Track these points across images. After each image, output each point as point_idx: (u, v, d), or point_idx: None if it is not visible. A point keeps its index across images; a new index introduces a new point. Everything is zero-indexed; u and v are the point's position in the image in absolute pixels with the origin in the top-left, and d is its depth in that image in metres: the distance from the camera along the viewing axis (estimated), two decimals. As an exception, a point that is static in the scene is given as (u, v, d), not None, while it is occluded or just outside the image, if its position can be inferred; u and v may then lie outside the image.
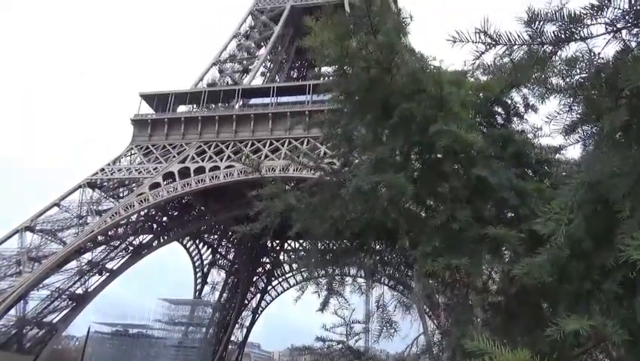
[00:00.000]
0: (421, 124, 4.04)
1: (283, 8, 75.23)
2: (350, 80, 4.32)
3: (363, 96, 4.48)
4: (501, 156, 4.79)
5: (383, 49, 3.98)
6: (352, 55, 4.29)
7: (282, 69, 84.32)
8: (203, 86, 69.16)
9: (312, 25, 4.52)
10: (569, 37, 2.25)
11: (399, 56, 4.09)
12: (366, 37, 4.07)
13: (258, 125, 61.28)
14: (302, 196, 5.40)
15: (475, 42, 2.56)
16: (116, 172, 61.23)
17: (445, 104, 4.23)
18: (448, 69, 4.69)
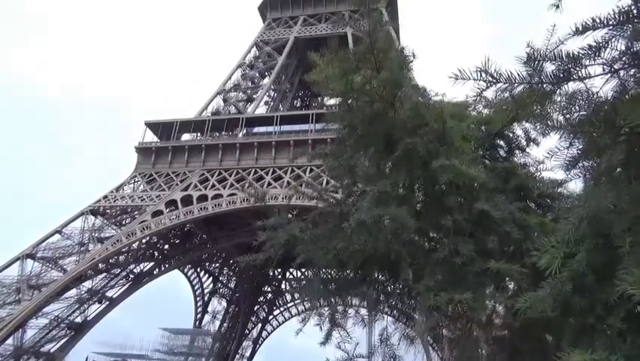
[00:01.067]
0: (423, 158, 4.11)
1: (287, 39, 76.67)
2: (354, 114, 4.41)
3: (367, 129, 4.57)
4: (504, 190, 4.84)
5: (386, 85, 4.09)
6: (356, 90, 4.40)
7: (286, 98, 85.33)
8: (207, 114, 69.91)
9: (317, 60, 4.66)
10: (568, 77, 2.33)
11: (402, 91, 4.19)
12: (370, 73, 4.18)
13: (261, 154, 61.64)
14: (305, 227, 5.44)
15: (477, 80, 2.65)
16: (118, 199, 61.35)
17: (447, 138, 4.31)
18: (451, 100, 4.78)
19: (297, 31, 77.59)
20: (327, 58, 4.55)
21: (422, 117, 4.19)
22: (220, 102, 72.12)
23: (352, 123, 4.64)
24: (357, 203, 5.50)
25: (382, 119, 4.43)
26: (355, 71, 4.31)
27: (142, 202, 60.39)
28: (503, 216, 4.17)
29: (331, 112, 4.78)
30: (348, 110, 4.56)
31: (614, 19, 2.17)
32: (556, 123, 2.76)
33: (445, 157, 4.03)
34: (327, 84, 4.52)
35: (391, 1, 78.47)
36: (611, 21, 2.17)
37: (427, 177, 4.37)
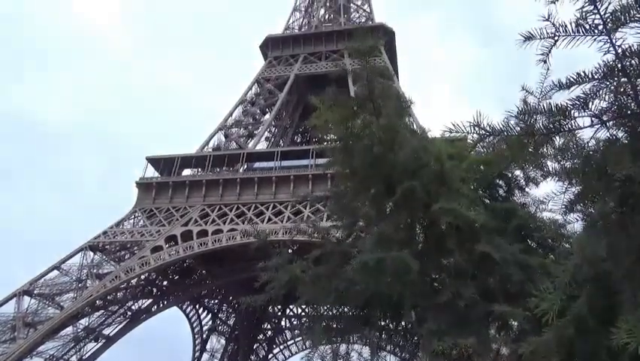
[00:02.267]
0: (423, 200, 4.18)
1: (288, 76, 78.09)
2: (354, 158, 4.51)
3: (367, 172, 4.66)
4: (504, 230, 4.89)
5: (385, 130, 4.21)
6: (356, 134, 4.52)
7: (286, 134, 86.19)
8: (208, 150, 70.49)
9: (317, 104, 4.80)
10: (558, 129, 2.43)
11: (400, 136, 4.30)
12: (369, 118, 4.31)
13: (261, 189, 61.79)
14: (307, 266, 5.45)
15: (471, 133, 2.75)
16: (118, 235, 61.10)
17: (446, 180, 4.39)
18: (450, 136, 4.87)
19: (298, 69, 79.12)
20: (327, 102, 4.68)
21: (421, 160, 4.28)
22: (221, 138, 72.85)
23: (353, 166, 4.73)
24: (358, 243, 5.53)
25: (382, 163, 4.53)
26: (355, 117, 4.44)
27: (142, 238, 60.12)
28: (505, 257, 4.20)
29: (332, 155, 4.88)
30: (349, 154, 4.66)
31: (599, 74, 2.28)
32: (551, 170, 2.85)
33: (445, 199, 4.10)
34: (328, 128, 4.64)
35: (388, 34, 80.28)
36: (596, 75, 2.29)
37: (428, 218, 4.43)
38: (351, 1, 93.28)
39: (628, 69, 2.21)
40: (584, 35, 2.29)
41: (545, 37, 2.37)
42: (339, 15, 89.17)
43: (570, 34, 2.32)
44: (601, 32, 2.25)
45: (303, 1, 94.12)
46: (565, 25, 2.32)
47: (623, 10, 2.16)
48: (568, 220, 3.34)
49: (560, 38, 2.35)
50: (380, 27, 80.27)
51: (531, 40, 2.41)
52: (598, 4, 2.23)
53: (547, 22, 2.33)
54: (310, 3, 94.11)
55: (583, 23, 2.27)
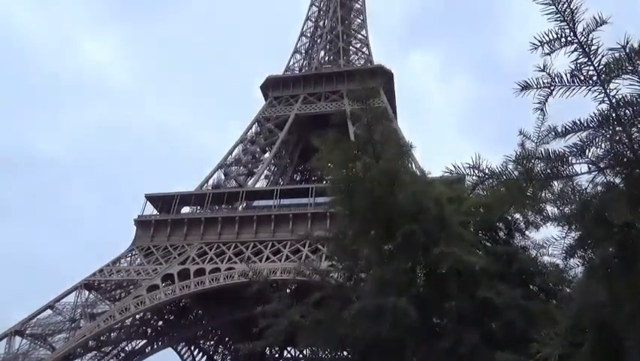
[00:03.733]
0: (424, 244, 4.17)
1: (288, 116, 79.19)
2: (354, 200, 4.53)
3: (367, 215, 4.67)
4: (506, 274, 4.85)
5: (385, 174, 4.25)
6: (357, 177, 4.56)
7: (286, 172, 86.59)
8: (208, 188, 70.61)
9: (319, 146, 4.86)
10: (556, 175, 2.46)
11: (400, 179, 4.34)
12: (369, 162, 4.36)
13: (260, 227, 61.51)
14: (307, 311, 5.37)
15: (470, 175, 2.79)
16: (114, 273, 60.33)
17: (446, 223, 4.40)
18: (449, 177, 4.89)
19: (298, 109, 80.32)
20: (328, 145, 4.74)
21: (421, 204, 4.30)
22: (221, 176, 73.14)
23: (353, 208, 4.74)
24: (358, 287, 5.48)
25: (382, 205, 4.54)
26: (355, 160, 4.49)
27: (138, 276, 59.35)
28: (506, 302, 4.16)
29: (333, 195, 4.90)
30: (349, 196, 4.68)
31: (594, 122, 2.33)
32: (550, 215, 2.86)
33: (446, 243, 4.10)
34: (329, 171, 4.68)
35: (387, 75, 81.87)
36: (591, 123, 2.34)
37: (429, 262, 4.41)
38: (350, 44, 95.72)
39: (622, 118, 2.27)
40: (579, 86, 2.36)
41: (542, 86, 2.44)
42: (338, 57, 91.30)
43: (566, 85, 2.38)
44: (595, 83, 2.32)
45: (304, 44, 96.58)
46: (560, 75, 2.39)
47: (616, 62, 2.23)
48: (569, 265, 3.32)
49: (555, 88, 2.42)
50: (379, 68, 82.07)
51: (528, 90, 2.47)
52: (592, 56, 2.31)
53: (543, 72, 2.41)
54: (310, 45, 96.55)
55: (578, 74, 2.35)
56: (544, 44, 2.42)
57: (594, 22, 2.27)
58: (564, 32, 2.34)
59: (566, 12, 2.28)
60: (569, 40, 2.33)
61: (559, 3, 2.30)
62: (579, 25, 2.30)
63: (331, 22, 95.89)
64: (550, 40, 2.40)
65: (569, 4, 2.25)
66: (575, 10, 2.27)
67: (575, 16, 2.28)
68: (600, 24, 2.27)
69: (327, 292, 5.43)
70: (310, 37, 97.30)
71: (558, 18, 2.33)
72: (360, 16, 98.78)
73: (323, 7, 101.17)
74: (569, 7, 2.27)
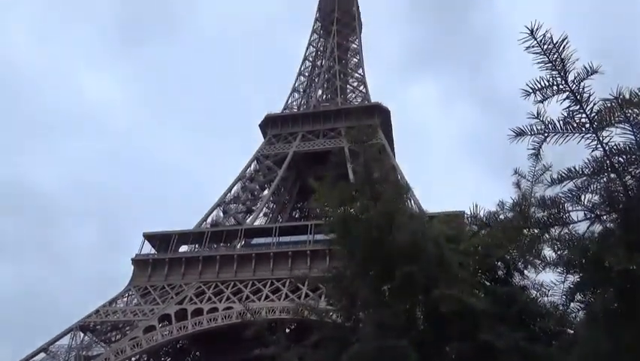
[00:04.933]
0: (423, 285, 4.14)
1: (286, 153, 79.80)
2: (352, 241, 4.52)
3: (366, 255, 4.65)
4: (506, 315, 4.79)
5: (383, 215, 4.26)
6: (354, 217, 4.56)
7: (285, 210, 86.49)
8: (207, 226, 70.31)
9: (317, 188, 4.88)
10: (554, 223, 2.47)
11: (398, 220, 4.35)
12: (367, 203, 4.38)
13: (259, 266, 60.93)
14: (305, 353, 5.27)
15: (469, 224, 2.80)
16: (110, 314, 59.26)
17: (445, 264, 4.37)
18: (448, 214, 4.89)
19: (297, 146, 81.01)
20: (326, 186, 4.77)
21: (419, 245, 4.29)
22: (220, 214, 72.95)
23: (351, 249, 4.73)
24: (357, 328, 5.38)
25: (381, 246, 4.53)
26: (353, 201, 4.50)
27: (134, 317, 58.28)
28: (507, 345, 4.09)
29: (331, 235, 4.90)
30: (347, 237, 4.67)
31: (588, 169, 2.37)
32: (549, 259, 2.86)
33: (445, 285, 4.06)
34: (327, 212, 4.70)
35: (384, 112, 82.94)
36: (586, 170, 2.37)
37: (428, 303, 4.36)
38: (347, 83, 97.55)
39: (617, 164, 2.30)
40: (572, 133, 2.40)
41: (535, 133, 2.49)
42: (336, 95, 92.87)
43: (559, 132, 2.43)
44: (588, 130, 2.36)
45: (302, 83, 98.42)
46: (554, 122, 2.43)
47: (608, 111, 2.28)
48: (569, 310, 3.29)
49: (549, 135, 2.46)
50: (376, 106, 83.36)
51: (522, 137, 2.51)
52: (584, 104, 2.36)
53: (537, 119, 2.45)
54: (308, 84, 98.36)
55: (570, 121, 2.39)
56: (536, 91, 2.47)
57: (585, 72, 2.33)
58: (556, 80, 2.41)
59: (556, 61, 2.35)
60: (561, 88, 2.39)
61: (550, 53, 2.37)
62: (570, 74, 2.37)
63: (329, 62, 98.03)
64: (542, 88, 2.45)
65: (560, 55, 2.32)
66: (565, 60, 2.33)
67: (566, 66, 2.35)
68: (591, 73, 2.34)
69: (326, 333, 5.35)
70: (308, 76, 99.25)
71: (549, 67, 2.40)
72: (356, 55, 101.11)
73: (320, 48, 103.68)
74: (560, 57, 2.33)
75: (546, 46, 2.32)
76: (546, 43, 2.32)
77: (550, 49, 2.32)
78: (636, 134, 2.26)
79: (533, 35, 2.35)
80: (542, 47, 2.34)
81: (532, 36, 2.35)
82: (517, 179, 3.94)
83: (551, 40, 2.31)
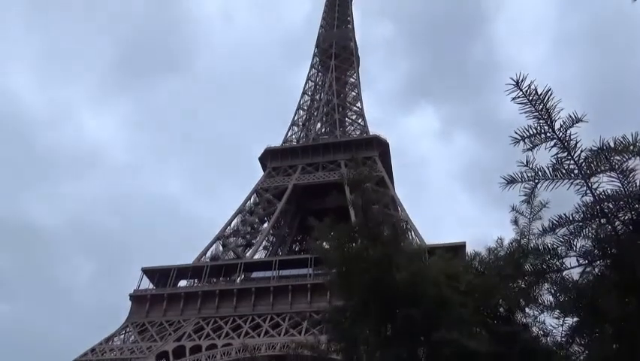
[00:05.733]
0: (424, 327, 4.12)
1: (286, 186, 79.95)
2: (352, 282, 4.53)
3: (365, 296, 4.64)
4: (508, 356, 4.74)
5: (383, 256, 4.28)
6: (354, 258, 4.58)
7: (285, 243, 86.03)
8: (206, 260, 69.76)
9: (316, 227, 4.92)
10: (547, 270, 2.51)
11: (397, 261, 4.37)
12: (366, 243, 4.41)
13: (258, 300, 60.12)
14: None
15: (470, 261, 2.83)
16: (107, 352, 58.09)
17: (446, 305, 4.36)
18: (447, 247, 4.89)
19: (296, 179, 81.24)
20: (326, 227, 4.80)
21: (419, 286, 4.30)
22: (219, 248, 72.49)
23: (351, 290, 4.72)
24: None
25: (381, 286, 4.53)
26: (352, 241, 4.53)
27: (131, 355, 57.12)
28: (510, 387, 4.04)
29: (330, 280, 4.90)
30: (347, 278, 4.68)
31: (579, 214, 2.42)
32: (546, 303, 2.88)
33: (446, 327, 4.05)
34: (326, 252, 4.72)
35: (383, 145, 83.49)
36: (576, 216, 2.43)
37: (430, 345, 4.33)
38: (346, 116, 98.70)
39: (606, 210, 2.35)
40: (561, 179, 2.47)
41: (526, 180, 2.55)
42: (335, 128, 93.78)
43: (549, 178, 2.49)
44: (577, 177, 2.43)
45: (301, 117, 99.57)
46: (543, 169, 2.50)
47: (594, 157, 2.35)
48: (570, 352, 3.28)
49: (540, 181, 2.53)
50: (374, 139, 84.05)
51: (514, 184, 2.58)
52: (571, 151, 2.43)
53: (526, 167, 2.53)
54: (307, 118, 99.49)
55: (559, 168, 2.46)
56: (525, 139, 2.55)
57: (570, 120, 2.42)
58: (543, 128, 2.49)
59: (542, 111, 2.44)
60: (549, 136, 2.47)
61: (535, 103, 2.46)
62: (557, 123, 2.45)
63: (327, 96, 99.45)
64: (530, 135, 2.53)
65: (545, 105, 2.41)
66: (550, 110, 2.42)
67: (552, 115, 2.44)
68: (576, 121, 2.42)
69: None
70: (307, 110, 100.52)
71: (536, 116, 2.48)
72: (354, 89, 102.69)
73: (319, 82, 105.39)
74: (545, 107, 2.42)
75: (531, 97, 2.42)
76: (531, 94, 2.41)
77: (536, 100, 2.42)
78: (622, 181, 2.33)
79: (519, 87, 2.45)
80: (528, 97, 2.43)
81: (518, 87, 2.45)
82: (515, 216, 3.99)
83: (536, 92, 2.40)
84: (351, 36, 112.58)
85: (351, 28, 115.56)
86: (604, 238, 2.29)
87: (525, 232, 3.81)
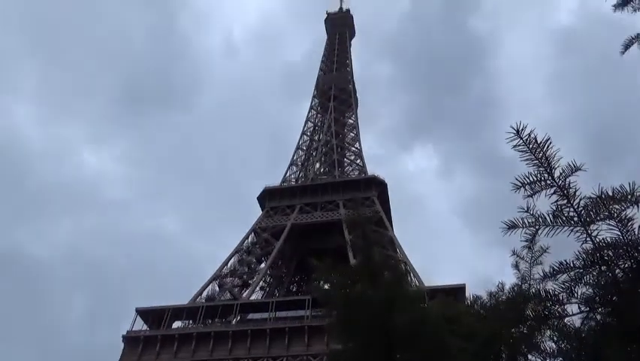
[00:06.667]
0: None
1: (285, 225, 79.59)
2: (352, 326, 4.49)
3: (366, 340, 4.59)
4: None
5: (383, 300, 4.27)
6: (354, 301, 4.56)
7: (282, 283, 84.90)
8: (201, 300, 68.56)
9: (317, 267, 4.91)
10: (549, 316, 2.52)
11: (397, 305, 4.35)
12: (367, 284, 4.40)
13: (254, 343, 58.70)
14: None
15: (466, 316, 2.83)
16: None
17: (446, 350, 4.31)
18: (448, 288, 4.85)
19: (294, 218, 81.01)
20: (327, 268, 4.80)
21: (419, 330, 4.26)
22: (215, 288, 71.45)
23: (351, 333, 4.68)
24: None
25: (380, 330, 4.49)
26: (353, 284, 4.53)
27: (121, 401, 55.26)
28: None
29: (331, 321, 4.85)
30: (346, 321, 4.64)
31: (579, 261, 2.46)
32: (549, 350, 2.86)
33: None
34: (327, 295, 4.70)
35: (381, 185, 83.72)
36: (577, 262, 2.46)
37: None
38: (344, 156, 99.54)
39: (606, 257, 2.39)
40: (562, 226, 2.51)
41: (527, 226, 2.60)
42: (333, 168, 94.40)
43: (549, 225, 2.54)
44: (577, 224, 2.48)
45: (300, 157, 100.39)
46: (544, 216, 2.55)
47: (593, 205, 2.41)
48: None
49: (540, 227, 2.57)
50: (372, 179, 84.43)
51: (515, 229, 2.63)
52: (571, 198, 2.49)
53: (527, 213, 2.58)
54: (306, 158, 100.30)
55: (559, 215, 2.51)
56: (525, 186, 2.61)
57: (569, 169, 2.49)
58: (543, 176, 2.55)
59: (542, 159, 2.51)
60: (548, 183, 2.53)
61: (535, 151, 2.53)
62: (556, 171, 2.52)
63: (326, 136, 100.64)
64: (530, 182, 2.60)
65: (544, 153, 2.49)
66: (550, 158, 2.49)
67: (552, 163, 2.51)
68: (575, 170, 2.49)
69: None
70: (306, 150, 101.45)
71: (536, 164, 2.55)
72: (353, 130, 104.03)
73: (318, 123, 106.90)
74: (545, 156, 2.50)
75: (531, 145, 2.50)
76: (531, 142, 2.49)
77: (536, 148, 2.49)
78: (621, 229, 2.38)
79: (519, 135, 2.53)
80: (528, 146, 2.51)
81: (519, 136, 2.53)
82: (516, 260, 4.01)
83: (535, 140, 2.48)
84: (350, 79, 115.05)
85: (350, 71, 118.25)
86: (604, 286, 2.32)
87: (526, 277, 3.83)
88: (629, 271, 2.27)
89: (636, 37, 5.02)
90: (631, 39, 5.04)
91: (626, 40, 5.06)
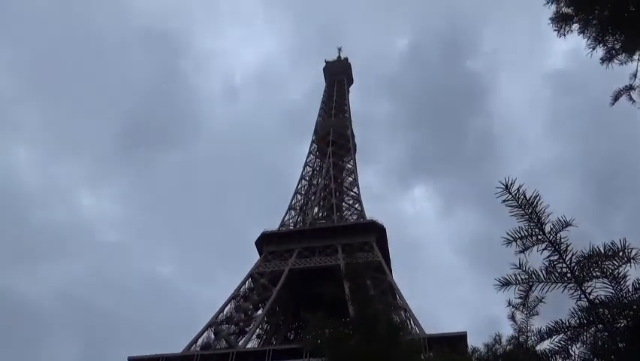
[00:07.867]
0: None
1: (282, 270, 78.51)
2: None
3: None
4: None
5: (379, 354, 4.15)
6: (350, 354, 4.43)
7: (279, 330, 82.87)
8: (196, 349, 66.70)
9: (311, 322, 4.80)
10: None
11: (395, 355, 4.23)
12: (362, 341, 4.29)
13: (250, 395, 56.73)
14: None
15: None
16: None
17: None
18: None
19: (292, 263, 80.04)
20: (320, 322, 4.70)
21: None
22: (211, 335, 69.65)
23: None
24: None
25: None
26: (348, 337, 4.42)
27: None
28: None
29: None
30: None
31: (575, 319, 2.40)
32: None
33: None
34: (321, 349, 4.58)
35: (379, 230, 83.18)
36: (572, 321, 2.41)
37: None
38: (343, 200, 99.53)
39: (602, 316, 2.34)
40: (555, 282, 2.48)
41: (520, 283, 2.56)
42: (331, 212, 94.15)
43: (542, 281, 2.51)
44: (570, 280, 2.45)
45: (298, 201, 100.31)
46: (537, 272, 2.52)
47: (586, 262, 2.38)
48: None
49: (534, 284, 2.54)
50: (371, 224, 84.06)
51: (508, 286, 2.59)
52: (562, 254, 2.47)
53: (519, 269, 2.55)
54: (305, 202, 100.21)
55: (553, 271, 2.48)
56: (517, 240, 2.59)
57: (560, 224, 2.48)
58: (534, 231, 2.54)
59: (532, 215, 2.50)
60: (540, 238, 2.52)
61: (524, 206, 2.53)
62: (547, 226, 2.51)
63: (324, 181, 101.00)
64: (522, 237, 2.58)
65: (534, 209, 2.49)
66: (540, 213, 2.49)
67: (542, 218, 2.50)
68: (565, 225, 2.48)
69: None
70: (304, 194, 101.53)
71: (526, 218, 2.55)
72: (351, 175, 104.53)
73: (317, 168, 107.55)
74: (534, 211, 2.49)
75: (520, 200, 2.50)
76: (520, 198, 2.49)
77: (525, 203, 2.49)
78: (615, 288, 2.35)
79: (508, 190, 2.53)
80: (517, 201, 2.51)
81: (508, 191, 2.54)
82: (512, 311, 3.94)
83: (524, 196, 2.49)
84: (348, 124, 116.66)
85: (348, 116, 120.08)
86: (601, 346, 2.26)
87: (523, 329, 3.75)
88: (626, 331, 2.22)
89: (624, 89, 5.14)
90: (619, 90, 5.16)
91: (615, 91, 5.18)
